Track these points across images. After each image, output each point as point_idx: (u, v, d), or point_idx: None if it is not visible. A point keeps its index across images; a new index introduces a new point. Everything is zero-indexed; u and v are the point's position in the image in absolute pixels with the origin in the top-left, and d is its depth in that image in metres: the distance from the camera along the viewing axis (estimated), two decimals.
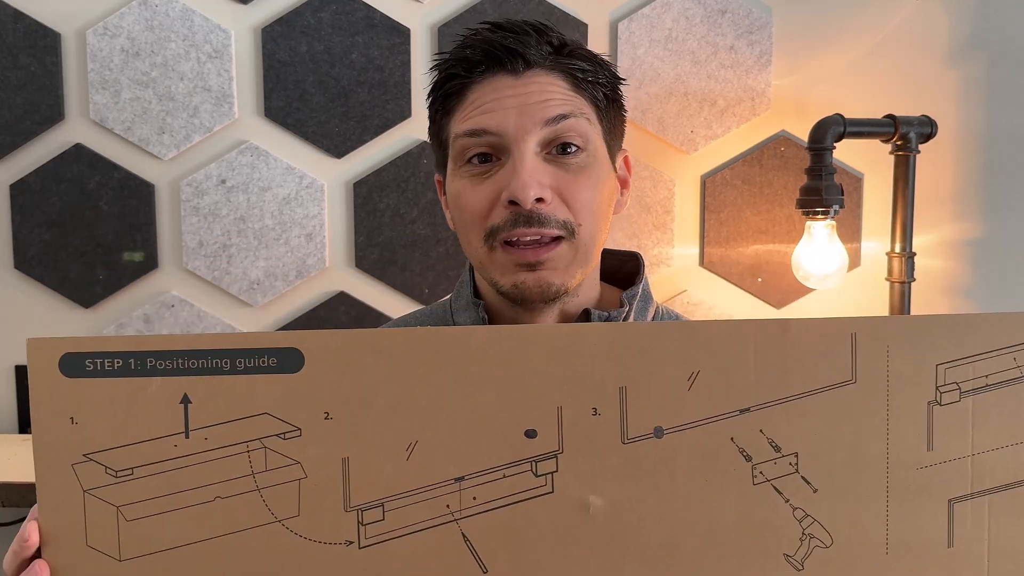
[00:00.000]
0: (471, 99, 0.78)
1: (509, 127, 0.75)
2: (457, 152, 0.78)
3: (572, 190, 0.76)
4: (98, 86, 1.42)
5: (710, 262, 1.47)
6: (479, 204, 0.76)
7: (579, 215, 0.76)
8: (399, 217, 1.46)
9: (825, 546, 0.56)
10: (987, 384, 0.56)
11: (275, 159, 1.44)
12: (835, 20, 1.44)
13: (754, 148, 1.46)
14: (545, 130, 0.75)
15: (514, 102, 0.76)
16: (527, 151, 0.75)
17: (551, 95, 0.76)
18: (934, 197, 1.46)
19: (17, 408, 1.49)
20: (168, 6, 1.41)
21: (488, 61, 0.77)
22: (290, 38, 1.43)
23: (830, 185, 1.30)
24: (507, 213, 0.75)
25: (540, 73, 0.77)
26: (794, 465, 0.56)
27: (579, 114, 0.77)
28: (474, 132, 0.76)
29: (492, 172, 0.76)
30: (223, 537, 0.57)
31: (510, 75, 0.77)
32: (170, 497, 0.57)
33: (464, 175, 0.78)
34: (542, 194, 0.74)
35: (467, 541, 0.57)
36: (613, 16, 1.44)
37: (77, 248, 1.45)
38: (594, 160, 0.78)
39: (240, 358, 0.57)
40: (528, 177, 0.74)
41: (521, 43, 0.77)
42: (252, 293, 1.46)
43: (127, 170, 1.44)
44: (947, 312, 1.49)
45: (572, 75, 0.78)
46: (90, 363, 0.57)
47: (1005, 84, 1.45)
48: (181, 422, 0.57)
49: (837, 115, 1.31)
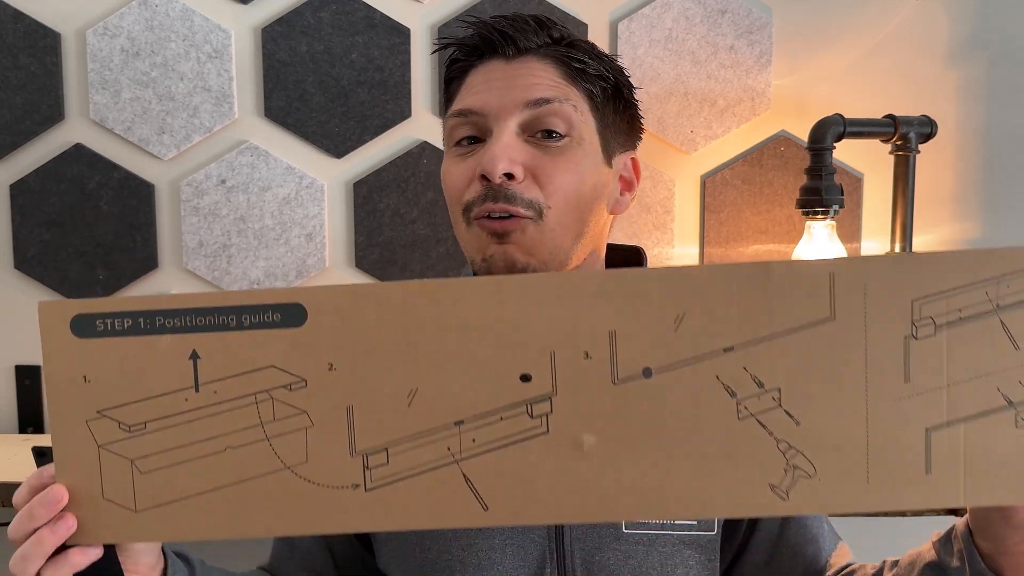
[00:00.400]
0: (468, 82, 0.79)
1: (491, 107, 0.76)
2: (447, 133, 0.79)
3: (548, 171, 0.75)
4: (98, 86, 1.42)
5: (710, 262, 1.47)
6: (458, 180, 0.77)
7: (551, 197, 0.75)
8: (399, 217, 1.46)
9: (809, 476, 0.58)
10: (960, 318, 0.58)
11: (275, 159, 1.44)
12: (835, 20, 1.44)
13: (754, 148, 1.46)
14: (526, 112, 0.75)
15: (500, 84, 0.76)
16: (506, 129, 0.75)
17: (538, 79, 0.77)
18: (934, 197, 1.47)
19: (17, 408, 1.49)
20: (168, 6, 1.41)
21: (484, 45, 0.78)
22: (290, 38, 1.43)
23: (830, 185, 1.30)
24: (480, 187, 0.75)
25: (531, 59, 0.78)
26: (777, 400, 0.58)
27: (564, 100, 0.76)
28: (460, 112, 0.77)
29: (474, 151, 0.77)
30: (234, 485, 0.59)
31: (502, 59, 0.78)
32: (182, 449, 0.59)
33: (451, 155, 0.79)
34: (511, 169, 0.74)
35: (468, 481, 0.59)
36: (613, 16, 1.44)
37: (77, 248, 1.45)
38: (578, 147, 0.77)
39: (246, 314, 0.58)
40: (499, 151, 0.74)
41: (515, 29, 0.78)
42: None
43: (127, 170, 1.44)
44: None
45: (566, 64, 0.78)
46: (100, 323, 0.59)
47: (1005, 84, 1.46)
48: (191, 377, 0.59)
49: (837, 115, 1.31)
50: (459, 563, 0.77)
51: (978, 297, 0.57)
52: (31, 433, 1.48)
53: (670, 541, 0.79)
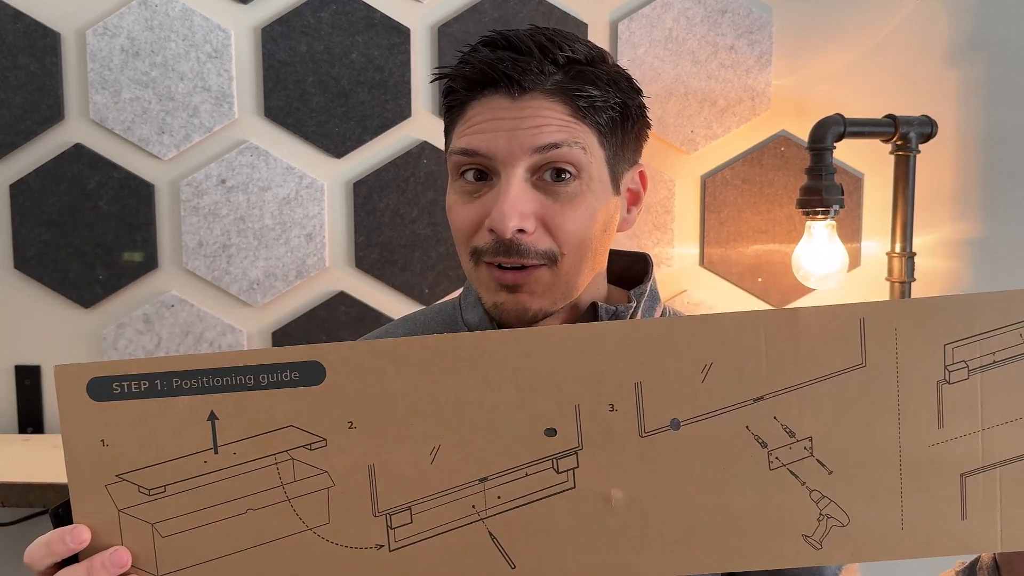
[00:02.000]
0: (469, 115, 0.77)
1: (499, 151, 0.74)
2: (452, 166, 0.78)
3: (558, 220, 0.74)
4: (98, 86, 1.42)
5: (710, 262, 1.47)
6: (465, 223, 0.76)
7: (564, 245, 0.75)
8: (399, 217, 1.46)
9: (842, 525, 0.57)
10: (994, 361, 0.57)
11: (275, 159, 1.44)
12: (835, 20, 1.44)
13: (754, 148, 1.46)
14: (535, 156, 0.74)
15: (507, 125, 0.74)
16: (514, 177, 0.74)
17: (546, 121, 0.75)
18: (934, 197, 1.46)
19: (17, 408, 1.49)
20: (168, 6, 1.41)
21: (486, 81, 0.76)
22: (290, 38, 1.43)
23: (830, 185, 1.30)
24: (490, 238, 0.74)
25: (538, 97, 0.75)
26: (809, 449, 0.57)
27: (573, 143, 0.75)
28: (465, 151, 0.76)
29: (482, 193, 0.76)
30: (257, 547, 0.58)
31: (508, 97, 0.75)
32: (203, 512, 0.58)
33: (457, 190, 0.78)
34: (523, 225, 0.73)
35: (494, 539, 0.58)
36: (613, 16, 1.44)
37: (77, 248, 1.45)
38: (587, 188, 0.76)
39: (263, 373, 0.58)
40: (509, 208, 0.72)
41: (519, 67, 0.75)
42: (252, 293, 1.46)
43: (127, 170, 1.44)
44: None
45: (573, 101, 0.76)
46: (117, 386, 0.58)
47: (1005, 84, 1.45)
48: (209, 439, 0.58)
49: (837, 115, 1.31)
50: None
51: (1012, 340, 0.57)
52: (31, 433, 1.48)
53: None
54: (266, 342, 1.48)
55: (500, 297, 0.76)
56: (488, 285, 0.76)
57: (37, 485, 1.23)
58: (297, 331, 1.47)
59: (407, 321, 0.91)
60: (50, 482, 1.23)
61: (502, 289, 0.75)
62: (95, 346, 1.48)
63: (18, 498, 1.24)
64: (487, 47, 0.77)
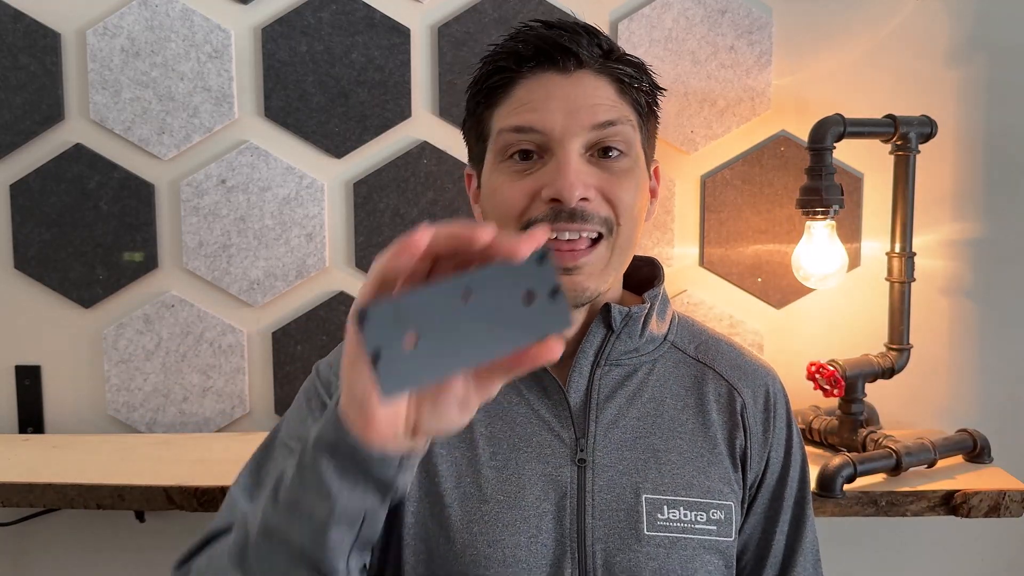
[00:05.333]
0: (518, 94, 0.78)
1: (556, 127, 0.76)
2: (500, 147, 0.79)
3: (616, 190, 0.77)
4: (98, 86, 1.42)
5: (710, 262, 1.47)
6: (518, 199, 0.77)
7: (621, 215, 0.78)
8: (399, 217, 1.46)
9: None
10: None
11: (275, 159, 1.44)
12: (835, 20, 1.44)
13: (754, 148, 1.46)
14: (592, 134, 0.76)
15: (562, 103, 0.76)
16: (572, 151, 0.76)
17: (599, 99, 0.77)
18: (934, 197, 1.46)
19: (17, 408, 1.49)
20: (168, 6, 1.41)
21: (539, 57, 0.77)
22: (290, 38, 1.43)
23: (830, 185, 1.30)
24: (546, 208, 0.76)
25: (588, 75, 0.78)
26: None
27: (625, 120, 0.78)
28: (520, 128, 0.77)
29: (533, 169, 0.77)
30: None
31: (559, 73, 0.77)
32: None
33: (504, 170, 0.79)
34: (587, 194, 0.75)
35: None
36: (613, 16, 1.44)
37: (77, 248, 1.45)
38: (635, 164, 0.79)
39: None
40: (574, 177, 0.75)
41: (574, 42, 0.77)
42: (252, 293, 1.46)
43: (127, 170, 1.44)
44: (947, 311, 1.49)
45: (619, 80, 0.79)
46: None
47: (1005, 84, 1.45)
48: None
49: (837, 115, 1.31)
50: (484, 558, 0.78)
51: None
52: (31, 433, 1.48)
53: (691, 544, 0.80)
54: (266, 342, 1.48)
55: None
56: None
57: (37, 485, 1.23)
58: (297, 331, 1.47)
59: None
60: (50, 482, 1.23)
61: (559, 271, 0.77)
62: (95, 346, 1.48)
63: (18, 498, 1.24)
64: (537, 26, 0.79)
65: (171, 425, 1.48)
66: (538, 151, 0.77)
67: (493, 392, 0.54)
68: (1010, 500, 1.22)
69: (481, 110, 0.82)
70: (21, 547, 1.52)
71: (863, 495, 1.21)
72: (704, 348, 0.89)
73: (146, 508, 1.23)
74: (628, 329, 0.83)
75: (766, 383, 0.89)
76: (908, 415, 1.50)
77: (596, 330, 0.82)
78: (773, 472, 0.88)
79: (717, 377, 0.87)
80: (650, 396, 0.85)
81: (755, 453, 0.86)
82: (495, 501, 0.79)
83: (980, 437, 1.33)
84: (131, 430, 1.49)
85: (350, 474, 0.57)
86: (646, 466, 0.82)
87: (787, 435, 0.89)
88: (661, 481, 0.81)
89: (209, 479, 1.23)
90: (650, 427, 0.83)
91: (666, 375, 0.86)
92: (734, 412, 0.86)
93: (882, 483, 1.24)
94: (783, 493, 0.88)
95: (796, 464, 0.89)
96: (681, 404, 0.85)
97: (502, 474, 0.80)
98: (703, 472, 0.83)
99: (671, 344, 0.88)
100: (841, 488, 1.20)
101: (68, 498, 1.23)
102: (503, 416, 0.82)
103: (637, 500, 0.80)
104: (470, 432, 0.82)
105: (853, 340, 1.47)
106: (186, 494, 1.21)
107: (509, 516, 0.79)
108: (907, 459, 1.24)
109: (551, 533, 0.79)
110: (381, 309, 0.45)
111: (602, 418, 0.82)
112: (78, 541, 1.52)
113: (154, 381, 1.47)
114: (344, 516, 0.59)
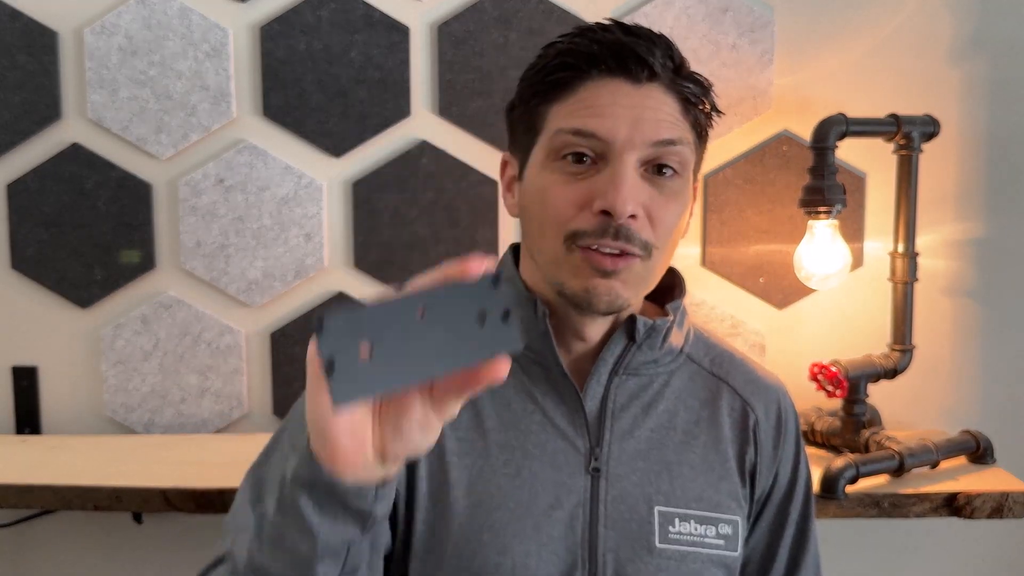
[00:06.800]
0: (582, 95, 0.77)
1: (618, 137, 0.75)
2: (555, 146, 0.77)
3: (661, 213, 0.76)
4: (95, 85, 1.41)
5: (712, 262, 1.47)
6: (567, 204, 0.76)
7: (660, 239, 0.77)
8: (399, 217, 1.45)
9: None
10: None
11: (273, 158, 1.43)
12: (838, 19, 1.44)
13: (756, 147, 1.45)
14: (651, 150, 0.75)
15: (628, 113, 0.75)
16: (629, 164, 0.75)
17: (664, 115, 0.76)
18: (937, 197, 1.46)
19: (14, 409, 1.48)
20: (166, 4, 1.40)
21: (612, 61, 0.76)
22: (289, 36, 1.42)
23: (832, 184, 1.29)
24: (596, 221, 0.75)
25: (658, 89, 0.77)
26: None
27: (685, 142, 0.77)
28: (581, 132, 0.75)
29: (587, 175, 0.76)
30: None
31: (630, 82, 0.76)
32: None
33: (556, 170, 0.77)
34: (636, 211, 0.75)
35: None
36: (614, 14, 1.43)
37: (74, 248, 1.45)
38: (685, 187, 0.79)
39: None
40: (628, 193, 0.74)
41: (650, 52, 0.76)
42: (250, 293, 1.45)
43: (124, 170, 1.44)
44: (950, 311, 1.48)
45: (685, 98, 0.78)
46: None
47: (1008, 83, 1.45)
48: None
49: (840, 114, 1.30)
50: (494, 566, 0.77)
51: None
52: (28, 434, 1.48)
53: (700, 559, 0.80)
54: (264, 343, 1.47)
55: (593, 282, 0.76)
56: (581, 270, 0.76)
57: (34, 487, 1.22)
58: (296, 332, 1.46)
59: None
60: (47, 483, 1.22)
61: (596, 274, 0.76)
62: (93, 347, 1.47)
63: (15, 499, 1.23)
64: (616, 29, 0.77)
65: (169, 426, 1.47)
66: (594, 157, 0.76)
67: (453, 412, 0.54)
68: (1013, 501, 1.21)
69: (537, 101, 0.80)
70: (18, 549, 1.51)
71: (866, 496, 1.21)
72: (719, 362, 0.89)
73: (144, 510, 1.23)
74: (649, 340, 0.83)
75: (778, 399, 0.89)
76: (911, 416, 1.49)
77: (618, 339, 0.82)
78: (780, 488, 0.88)
79: (732, 392, 0.87)
80: (665, 408, 0.84)
81: (764, 469, 0.86)
82: (506, 509, 0.78)
83: (983, 438, 1.32)
84: (129, 431, 1.48)
85: (328, 508, 0.57)
86: (659, 478, 0.81)
87: (795, 452, 0.89)
88: (673, 494, 0.81)
89: (207, 481, 1.22)
90: (663, 439, 0.83)
91: (681, 388, 0.86)
92: (746, 428, 0.86)
93: (885, 484, 1.23)
94: (789, 508, 0.88)
95: (802, 480, 0.89)
96: (694, 417, 0.85)
97: (515, 481, 0.79)
98: (713, 486, 0.83)
99: (687, 356, 0.88)
100: (843, 489, 1.19)
101: (65, 500, 1.22)
102: (517, 423, 0.81)
103: (650, 512, 0.80)
104: (483, 439, 0.81)
105: (855, 340, 1.46)
106: (184, 496, 1.20)
107: (520, 524, 0.78)
108: (910, 460, 1.24)
109: (562, 542, 0.78)
110: (338, 319, 0.45)
111: (617, 427, 0.82)
112: (75, 543, 1.51)
113: (152, 382, 1.46)
114: (327, 550, 0.59)
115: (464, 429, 0.81)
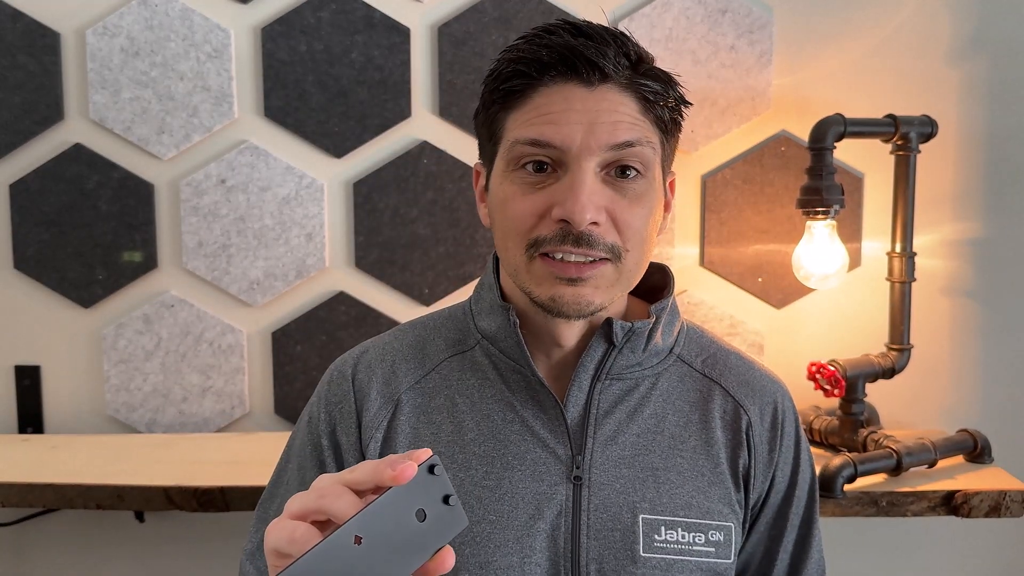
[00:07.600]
0: (536, 103, 0.75)
1: (574, 144, 0.73)
2: (512, 156, 0.76)
3: (626, 216, 0.74)
4: (97, 86, 1.42)
5: (710, 262, 1.47)
6: (526, 214, 0.74)
7: (628, 241, 0.75)
8: (399, 217, 1.46)
9: None
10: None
11: (275, 159, 1.44)
12: (836, 20, 1.44)
13: (755, 148, 1.46)
14: (609, 153, 0.73)
15: (583, 117, 0.73)
16: (587, 170, 0.73)
17: (620, 116, 0.74)
18: (935, 197, 1.46)
19: (17, 408, 1.48)
20: (168, 6, 1.41)
21: (562, 66, 0.74)
22: (290, 37, 1.42)
23: (831, 185, 1.30)
24: (556, 228, 0.73)
25: (612, 90, 0.74)
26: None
27: (645, 142, 0.75)
28: (536, 142, 0.74)
29: (546, 184, 0.74)
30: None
31: (582, 86, 0.74)
32: None
33: (515, 181, 0.76)
34: (597, 218, 0.73)
35: None
36: (613, 15, 1.44)
37: (76, 248, 1.45)
38: (650, 187, 0.76)
39: None
40: (586, 200, 0.72)
41: (600, 54, 0.74)
42: (252, 293, 1.46)
43: (126, 170, 1.44)
44: (948, 311, 1.49)
45: (644, 97, 0.75)
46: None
47: (1006, 84, 1.45)
48: None
49: (838, 115, 1.31)
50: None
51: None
52: (30, 433, 1.48)
53: (688, 567, 0.78)
54: (266, 342, 1.47)
55: (559, 290, 0.74)
56: (546, 278, 0.75)
57: (36, 485, 1.23)
58: (297, 331, 1.47)
59: (416, 326, 0.89)
60: (49, 482, 1.23)
61: (561, 282, 0.74)
62: (95, 346, 1.47)
63: (17, 498, 1.24)
64: (564, 32, 0.75)
65: (170, 425, 1.48)
66: (552, 164, 0.74)
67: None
68: (1011, 500, 1.22)
69: (496, 109, 0.78)
70: (20, 547, 1.52)
71: (864, 495, 1.21)
72: (712, 362, 0.86)
73: (145, 508, 1.23)
74: (631, 343, 0.80)
75: (775, 399, 0.86)
76: (909, 415, 1.50)
77: (597, 344, 0.80)
78: (778, 491, 0.85)
79: (724, 393, 0.84)
80: (652, 412, 0.82)
81: (759, 473, 0.83)
82: (487, 522, 0.77)
83: (980, 437, 1.33)
84: (131, 430, 1.49)
85: None
86: (644, 485, 0.79)
87: (795, 454, 0.86)
88: (659, 501, 0.78)
89: (208, 479, 1.23)
90: (650, 444, 0.81)
91: (670, 390, 0.83)
92: (739, 430, 0.83)
93: (883, 483, 1.24)
94: (788, 512, 0.85)
95: (804, 483, 0.86)
96: (684, 420, 0.82)
97: (495, 494, 0.78)
98: (703, 492, 0.80)
99: (677, 357, 0.85)
100: (842, 488, 1.20)
101: (67, 498, 1.23)
102: (496, 434, 0.80)
103: (634, 520, 0.78)
104: (463, 451, 0.80)
105: (853, 340, 1.47)
106: (185, 494, 1.21)
107: (501, 537, 0.77)
108: (908, 459, 1.24)
109: (544, 553, 0.77)
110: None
111: (600, 434, 0.80)
112: (77, 541, 1.51)
113: (153, 381, 1.47)
114: None
115: (444, 443, 0.80)
